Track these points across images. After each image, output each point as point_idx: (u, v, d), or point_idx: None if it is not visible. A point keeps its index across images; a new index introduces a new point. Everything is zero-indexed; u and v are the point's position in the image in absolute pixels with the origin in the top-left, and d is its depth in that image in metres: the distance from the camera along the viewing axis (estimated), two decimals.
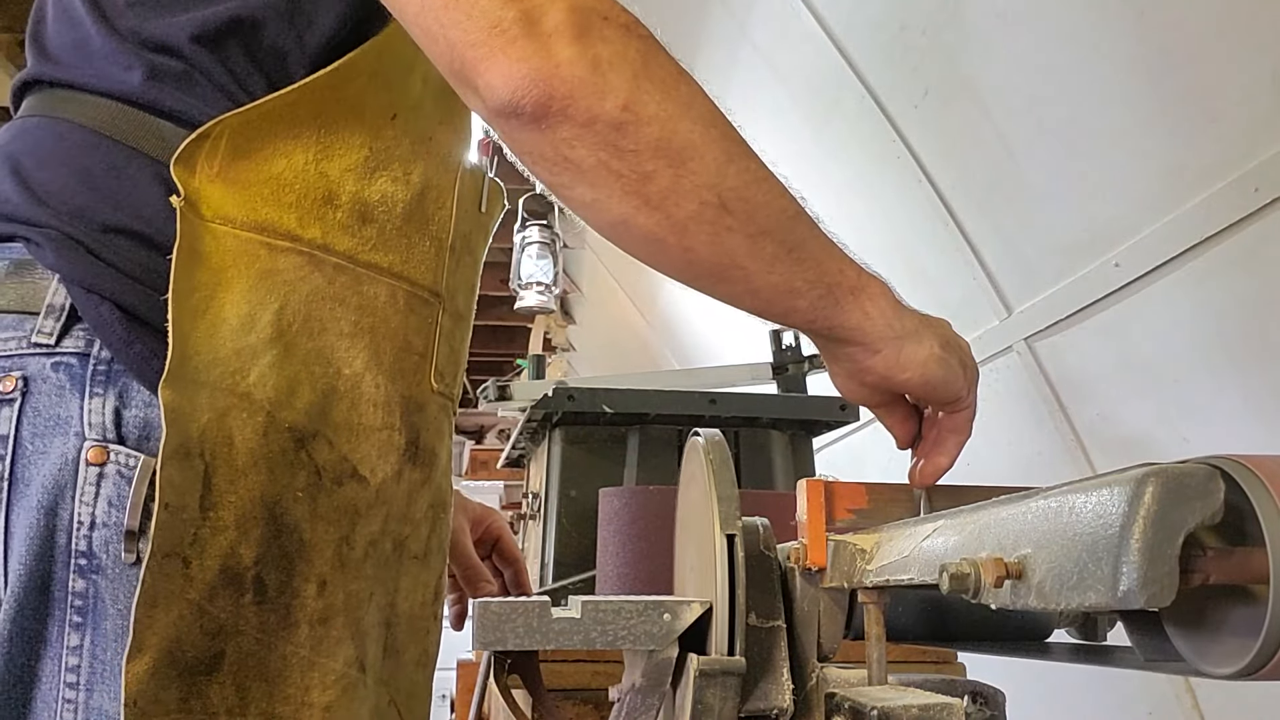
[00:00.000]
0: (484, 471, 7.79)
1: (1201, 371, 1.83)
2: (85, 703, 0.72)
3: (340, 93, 0.80)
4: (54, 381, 0.74)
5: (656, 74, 0.65)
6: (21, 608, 0.71)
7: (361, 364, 0.82)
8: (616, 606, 0.66)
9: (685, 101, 0.66)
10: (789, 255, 0.69)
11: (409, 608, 0.89)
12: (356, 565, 0.81)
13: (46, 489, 0.72)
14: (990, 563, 0.47)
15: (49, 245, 0.75)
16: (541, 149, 0.65)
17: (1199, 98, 1.62)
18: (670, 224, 0.66)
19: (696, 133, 0.65)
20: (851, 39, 2.27)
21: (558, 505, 1.88)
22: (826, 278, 0.70)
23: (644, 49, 0.65)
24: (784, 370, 2.35)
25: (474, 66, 0.63)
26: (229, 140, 0.76)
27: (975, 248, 2.23)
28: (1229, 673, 0.44)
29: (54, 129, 0.80)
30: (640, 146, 0.64)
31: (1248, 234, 1.62)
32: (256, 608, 0.75)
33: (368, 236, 0.82)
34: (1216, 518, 0.41)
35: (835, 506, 0.69)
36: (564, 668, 1.37)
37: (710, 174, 0.66)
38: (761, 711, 0.68)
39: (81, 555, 0.72)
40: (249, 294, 0.76)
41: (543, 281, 3.26)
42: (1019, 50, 1.89)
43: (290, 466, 0.77)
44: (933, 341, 0.72)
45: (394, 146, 0.84)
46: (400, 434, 0.85)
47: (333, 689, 0.79)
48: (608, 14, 0.64)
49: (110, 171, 0.77)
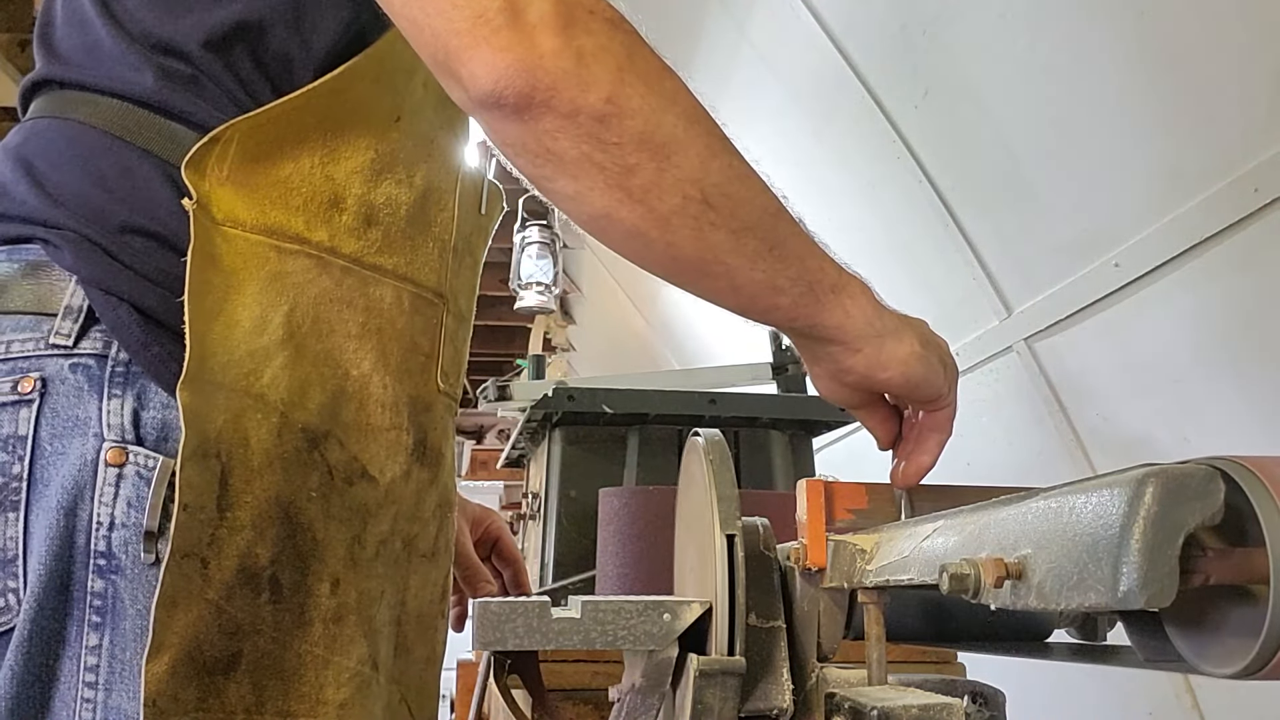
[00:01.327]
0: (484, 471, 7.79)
1: (1201, 371, 1.83)
2: (104, 702, 0.72)
3: (345, 97, 0.81)
4: (72, 383, 0.74)
5: (641, 67, 0.65)
6: (41, 607, 0.71)
7: (369, 365, 0.82)
8: (616, 606, 0.66)
9: (669, 96, 0.65)
10: (771, 252, 0.68)
11: (418, 606, 0.90)
12: (368, 564, 0.82)
13: (66, 490, 0.73)
14: (990, 563, 0.47)
15: (67, 247, 0.75)
16: (524, 140, 0.65)
17: (1199, 98, 1.62)
18: (653, 218, 0.66)
19: (680, 127, 0.65)
20: (851, 39, 2.27)
21: (558, 505, 1.88)
22: (808, 275, 0.70)
23: (629, 43, 0.65)
24: (784, 370, 2.35)
25: (457, 55, 0.63)
26: (238, 144, 0.77)
27: (975, 248, 2.22)
28: (1229, 673, 0.44)
29: (65, 130, 0.80)
30: (623, 139, 0.64)
31: (1248, 234, 1.62)
32: (272, 607, 0.76)
33: (373, 239, 0.83)
34: (1216, 518, 0.41)
35: (835, 506, 0.69)
36: (564, 668, 1.37)
37: (694, 168, 0.65)
38: (761, 711, 0.68)
39: (101, 555, 0.72)
40: (260, 296, 0.77)
41: (543, 281, 3.26)
42: (1019, 50, 1.89)
43: (303, 466, 0.78)
44: (913, 339, 0.73)
45: (398, 150, 0.84)
46: (408, 434, 0.86)
47: (346, 687, 0.80)
48: (593, 8, 0.64)
49: (123, 173, 0.78)
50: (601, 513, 1.55)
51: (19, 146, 0.81)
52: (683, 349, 4.63)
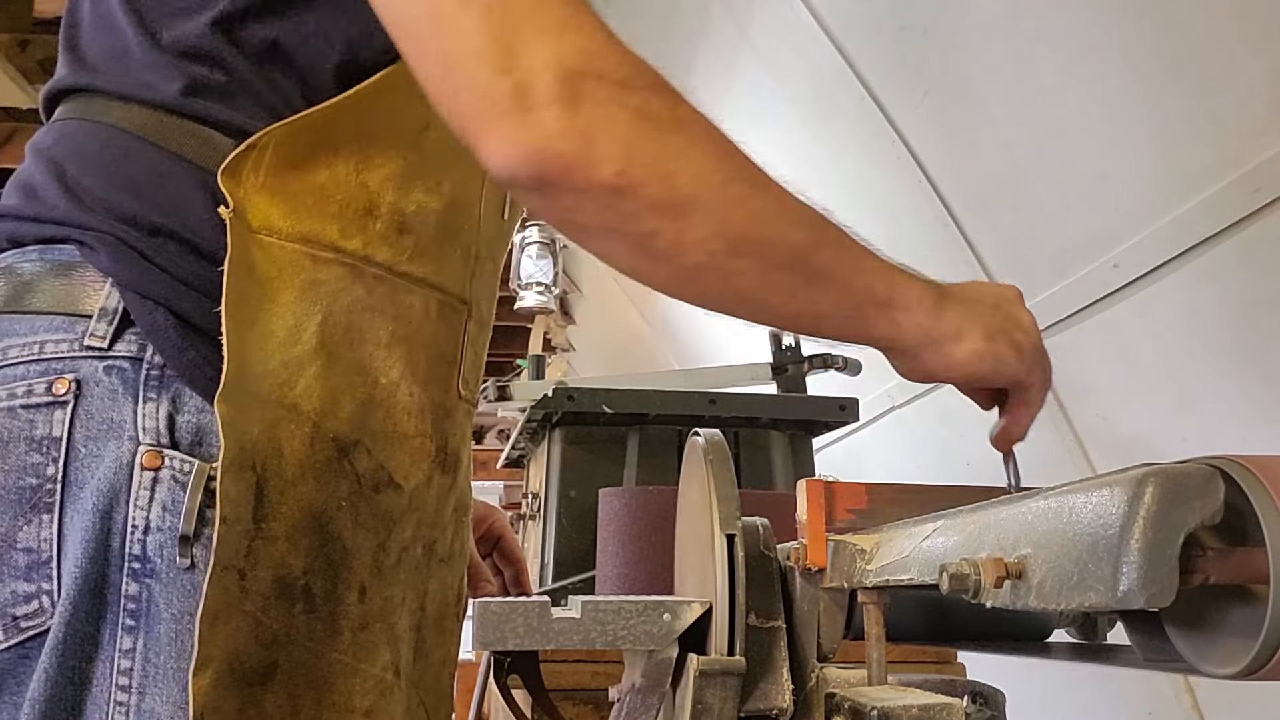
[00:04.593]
0: (484, 471, 7.78)
1: (1201, 371, 1.83)
2: (137, 705, 0.72)
3: (378, 105, 0.81)
4: (106, 385, 0.74)
5: (650, 132, 0.65)
6: (75, 610, 0.71)
7: (397, 373, 0.83)
8: (616, 606, 0.66)
9: (682, 154, 0.66)
10: (807, 285, 0.70)
11: (435, 610, 0.90)
12: (391, 571, 0.82)
13: (101, 492, 0.72)
14: (990, 563, 0.47)
15: (103, 249, 0.75)
16: (547, 214, 0.67)
17: (1199, 98, 1.62)
18: (681, 274, 0.68)
19: (697, 186, 0.66)
20: (851, 39, 2.27)
21: (558, 505, 1.88)
22: (853, 297, 0.71)
23: (639, 104, 0.65)
24: (784, 370, 2.35)
25: (475, 136, 0.64)
26: (274, 151, 0.77)
27: (975, 248, 2.22)
28: (1229, 673, 0.44)
29: (97, 134, 0.80)
30: (639, 208, 0.65)
31: (1248, 234, 1.62)
32: (306, 617, 0.76)
33: (405, 247, 0.83)
34: (1216, 518, 0.41)
35: (835, 506, 0.69)
36: (564, 668, 1.37)
37: (714, 224, 0.66)
38: (761, 711, 0.68)
39: (135, 559, 0.72)
40: (294, 305, 0.77)
41: (543, 281, 3.26)
42: (1019, 50, 1.89)
43: (334, 476, 0.78)
44: (975, 336, 0.73)
45: (427, 157, 0.84)
46: (431, 441, 0.86)
47: (372, 693, 0.80)
48: (601, 72, 0.64)
49: (155, 178, 0.77)
50: (601, 513, 1.55)
51: (51, 148, 0.81)
52: (683, 349, 4.63)
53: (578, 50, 0.63)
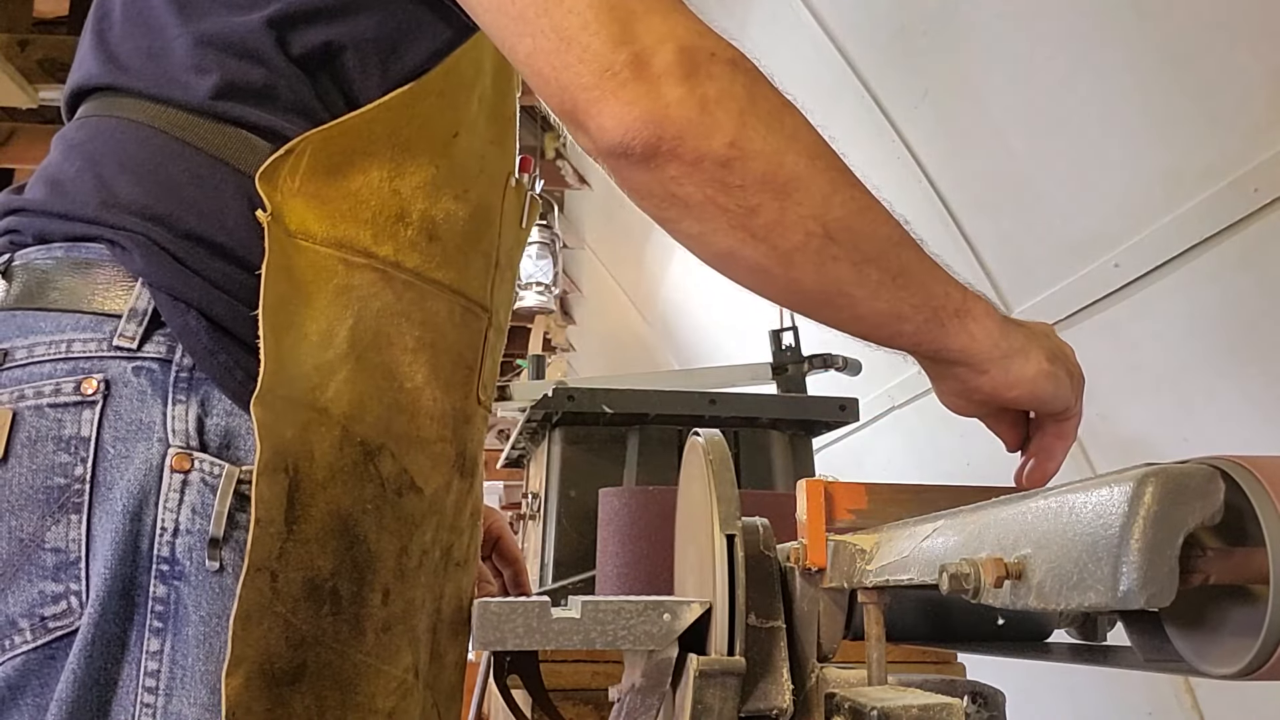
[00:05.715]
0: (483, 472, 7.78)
1: (1201, 371, 1.83)
2: (164, 708, 0.71)
3: (413, 112, 0.81)
4: (135, 386, 0.74)
5: (762, 108, 0.67)
6: (104, 611, 0.71)
7: (422, 378, 0.83)
8: (616, 606, 0.66)
9: (790, 134, 0.67)
10: (894, 281, 0.70)
11: (450, 612, 0.91)
12: (413, 574, 0.83)
13: (130, 494, 0.72)
14: (990, 563, 0.47)
15: (136, 250, 0.75)
16: (650, 186, 0.67)
17: (1199, 98, 1.62)
18: (776, 255, 0.68)
19: (801, 165, 0.67)
20: (851, 39, 2.27)
21: (558, 505, 1.87)
22: (932, 302, 0.72)
23: (749, 83, 0.67)
24: (784, 370, 2.35)
25: (585, 109, 0.65)
26: (310, 156, 0.77)
27: (975, 248, 2.22)
28: (1229, 673, 0.44)
29: (135, 133, 0.79)
30: (746, 181, 0.66)
31: (1248, 234, 1.62)
32: (333, 618, 0.76)
33: (433, 253, 0.83)
34: (1216, 518, 0.41)
35: (835, 506, 0.69)
36: (564, 668, 1.37)
37: (815, 205, 0.67)
38: (761, 711, 0.68)
39: (164, 561, 0.72)
40: (327, 310, 0.77)
41: (543, 281, 3.26)
42: (1019, 50, 1.89)
43: (361, 479, 0.78)
44: (1040, 356, 0.74)
45: (456, 165, 0.85)
46: (451, 446, 0.87)
47: (394, 695, 0.80)
48: (715, 50, 0.66)
49: (193, 180, 0.77)
50: (601, 513, 1.55)
51: (85, 144, 0.81)
52: (683, 349, 4.63)
53: (690, 29, 0.66)
